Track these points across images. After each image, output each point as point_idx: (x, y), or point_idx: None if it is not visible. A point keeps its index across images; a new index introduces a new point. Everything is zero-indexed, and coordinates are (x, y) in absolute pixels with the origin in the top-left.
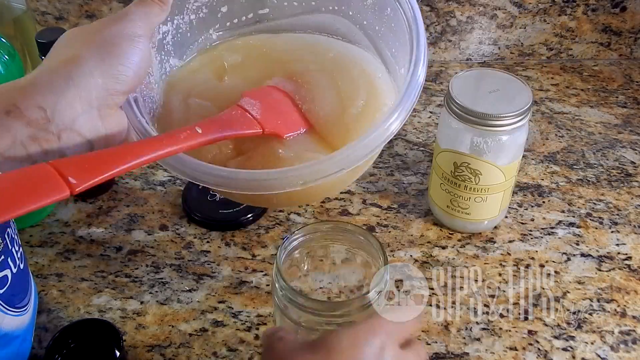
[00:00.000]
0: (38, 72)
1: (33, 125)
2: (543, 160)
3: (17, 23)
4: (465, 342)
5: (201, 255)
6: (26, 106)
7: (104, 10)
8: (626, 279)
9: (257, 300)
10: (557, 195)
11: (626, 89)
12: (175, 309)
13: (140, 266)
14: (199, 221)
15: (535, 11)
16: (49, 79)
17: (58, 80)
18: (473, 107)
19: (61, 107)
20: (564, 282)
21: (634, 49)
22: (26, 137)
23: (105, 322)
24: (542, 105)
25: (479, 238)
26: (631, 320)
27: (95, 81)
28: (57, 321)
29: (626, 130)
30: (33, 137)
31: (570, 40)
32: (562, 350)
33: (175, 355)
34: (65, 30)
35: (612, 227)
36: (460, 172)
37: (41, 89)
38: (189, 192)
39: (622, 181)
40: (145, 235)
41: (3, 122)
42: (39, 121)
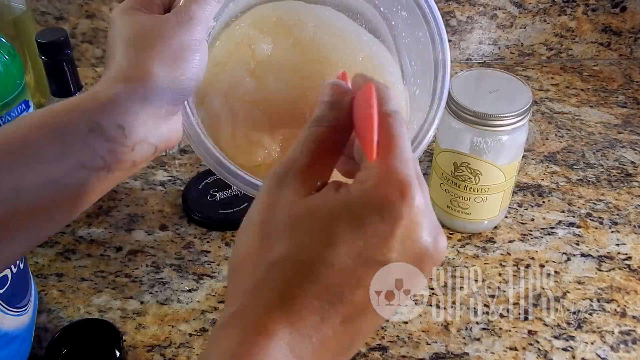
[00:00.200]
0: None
1: (112, 141)
2: (543, 160)
3: (17, 23)
4: (465, 342)
5: (201, 255)
6: (107, 125)
7: (104, 11)
8: (626, 279)
9: None
10: (557, 195)
11: (626, 89)
12: (175, 309)
13: (140, 266)
14: (199, 221)
15: (535, 11)
16: (126, 99)
17: (135, 100)
18: (473, 107)
19: (137, 125)
20: (564, 282)
21: (634, 49)
22: (105, 151)
23: (105, 322)
24: (542, 105)
25: (479, 238)
26: (631, 320)
27: (166, 97)
28: (57, 321)
29: (626, 130)
30: (111, 150)
31: (570, 40)
32: (562, 350)
33: (175, 355)
34: (65, 30)
35: (612, 227)
36: (460, 172)
37: (120, 108)
38: (189, 192)
39: (622, 181)
40: (145, 235)
41: (86, 139)
42: (118, 138)
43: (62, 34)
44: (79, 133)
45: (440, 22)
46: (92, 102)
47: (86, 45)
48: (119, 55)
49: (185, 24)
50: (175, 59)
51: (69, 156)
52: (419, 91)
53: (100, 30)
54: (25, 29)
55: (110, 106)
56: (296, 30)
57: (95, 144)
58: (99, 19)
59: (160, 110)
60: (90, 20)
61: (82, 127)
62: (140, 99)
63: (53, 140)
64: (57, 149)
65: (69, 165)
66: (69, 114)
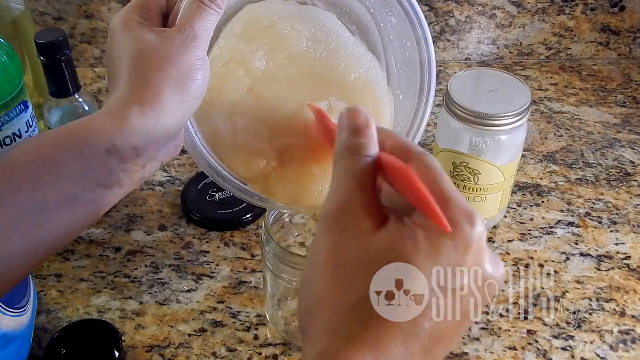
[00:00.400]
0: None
1: (126, 161)
2: (542, 160)
3: (16, 23)
4: (465, 341)
5: (200, 256)
6: (123, 146)
7: (103, 11)
8: (625, 278)
9: (256, 300)
10: (556, 194)
11: (625, 89)
12: (174, 309)
13: (139, 266)
14: (198, 221)
15: (534, 11)
16: (140, 122)
17: (148, 123)
18: (472, 107)
19: (149, 146)
20: (563, 281)
21: (633, 49)
22: (120, 170)
23: (104, 322)
24: (541, 105)
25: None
26: (630, 320)
27: (176, 117)
28: (56, 321)
29: (625, 130)
30: (125, 169)
31: (569, 40)
32: (561, 349)
33: (174, 356)
34: (63, 30)
35: (611, 227)
36: (459, 171)
37: (135, 132)
38: (188, 192)
39: (621, 180)
40: (144, 236)
41: (103, 159)
42: (131, 159)
43: (60, 35)
44: (96, 153)
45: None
46: (108, 123)
47: (85, 45)
48: (128, 76)
49: (189, 43)
50: (183, 81)
51: (88, 175)
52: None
53: (99, 30)
54: (23, 30)
55: (126, 128)
56: (289, 42)
57: (112, 164)
58: (97, 19)
59: (172, 130)
60: (89, 21)
61: (100, 148)
62: (153, 122)
63: (73, 159)
64: (77, 168)
65: (87, 183)
66: (87, 135)
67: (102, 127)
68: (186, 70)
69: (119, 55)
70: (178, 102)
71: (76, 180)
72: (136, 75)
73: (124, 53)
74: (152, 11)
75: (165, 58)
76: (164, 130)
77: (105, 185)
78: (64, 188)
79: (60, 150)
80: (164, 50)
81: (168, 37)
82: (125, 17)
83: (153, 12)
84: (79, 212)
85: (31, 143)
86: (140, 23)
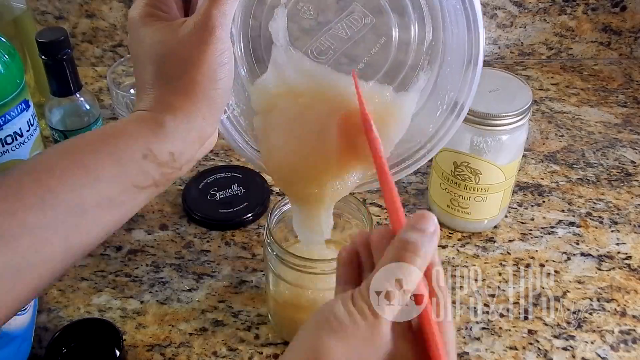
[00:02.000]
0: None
1: (163, 165)
2: (543, 160)
3: (17, 23)
4: (465, 341)
5: (201, 255)
6: (159, 152)
7: (104, 10)
8: (626, 278)
9: (257, 299)
10: (557, 194)
11: (626, 89)
12: (175, 308)
13: (140, 266)
14: (199, 220)
15: (535, 11)
16: (174, 126)
17: (181, 129)
18: (473, 107)
19: (185, 150)
20: (564, 281)
21: (634, 49)
22: (157, 174)
23: (105, 321)
24: (542, 105)
25: (479, 237)
26: (631, 320)
27: (205, 122)
28: (57, 321)
29: (626, 130)
30: (162, 173)
31: (570, 40)
32: (562, 349)
33: (175, 355)
34: (65, 29)
35: (612, 227)
36: (460, 171)
37: (170, 136)
38: (189, 191)
39: (622, 180)
40: (145, 235)
41: (140, 164)
42: (168, 163)
43: (62, 34)
44: (133, 158)
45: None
46: (143, 129)
47: (86, 44)
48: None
49: (208, 39)
50: (208, 83)
51: (125, 178)
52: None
53: (100, 29)
54: (25, 29)
55: (161, 135)
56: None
57: (149, 168)
58: (98, 18)
59: (206, 132)
60: (90, 20)
61: (137, 153)
62: (186, 127)
63: (111, 163)
64: (114, 172)
65: (124, 185)
66: (125, 140)
67: (137, 134)
68: (210, 71)
69: (141, 55)
70: (207, 105)
71: (113, 184)
72: (162, 82)
73: (146, 54)
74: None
75: (188, 61)
76: (196, 134)
77: (141, 187)
78: (101, 191)
79: (97, 155)
80: (184, 52)
81: (187, 36)
82: (143, 11)
83: (171, 1)
84: (115, 213)
85: (66, 147)
86: (158, 17)
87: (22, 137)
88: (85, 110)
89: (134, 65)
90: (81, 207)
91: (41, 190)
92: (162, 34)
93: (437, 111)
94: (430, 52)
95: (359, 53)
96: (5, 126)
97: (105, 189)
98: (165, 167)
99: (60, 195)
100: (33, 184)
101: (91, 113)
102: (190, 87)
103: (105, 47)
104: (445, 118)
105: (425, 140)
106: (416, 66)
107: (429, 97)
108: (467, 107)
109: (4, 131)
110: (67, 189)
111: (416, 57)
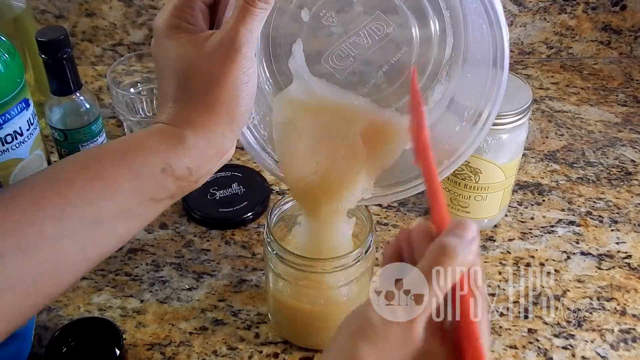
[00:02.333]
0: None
1: (180, 179)
2: (543, 159)
3: (17, 21)
4: None
5: (201, 254)
6: (177, 166)
7: (104, 9)
8: (626, 277)
9: (257, 298)
10: (557, 193)
11: (626, 88)
12: (175, 307)
13: (140, 264)
14: (199, 219)
15: (535, 10)
16: (194, 144)
17: (200, 145)
18: None
19: (203, 165)
20: (564, 280)
21: (634, 48)
22: (174, 187)
23: (105, 320)
24: (542, 104)
25: (479, 236)
26: (631, 319)
27: (225, 138)
28: (57, 320)
29: (626, 129)
30: (178, 186)
31: (571, 39)
32: (562, 348)
33: (175, 354)
34: (65, 28)
35: (612, 226)
36: (460, 170)
37: (189, 152)
38: None
39: (622, 179)
40: (145, 234)
41: (158, 178)
42: (186, 177)
43: (62, 33)
44: (152, 172)
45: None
46: (163, 144)
47: (86, 43)
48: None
49: (233, 57)
50: (230, 100)
51: (142, 191)
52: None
53: (100, 28)
54: (25, 28)
55: (180, 150)
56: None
57: (166, 182)
58: (98, 17)
59: (225, 147)
60: (90, 19)
61: (156, 168)
62: (205, 144)
63: (129, 177)
64: (132, 185)
65: (141, 198)
66: (144, 153)
67: (157, 148)
68: (232, 88)
69: (165, 68)
70: (227, 122)
71: (131, 196)
72: (184, 97)
73: (170, 67)
74: (195, 10)
75: (212, 78)
76: (215, 150)
77: (157, 200)
78: (118, 203)
79: (117, 168)
80: (209, 68)
81: (212, 52)
82: (168, 22)
83: (197, 11)
84: (131, 224)
85: (87, 158)
86: (183, 29)
87: (22, 136)
88: (85, 110)
89: (157, 77)
90: (98, 219)
91: (61, 202)
92: (186, 48)
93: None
94: (450, 63)
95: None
96: (5, 125)
97: (122, 201)
98: (182, 181)
99: (78, 207)
100: (53, 196)
101: (91, 112)
102: (212, 104)
103: (105, 46)
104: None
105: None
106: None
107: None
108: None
109: (3, 130)
110: (86, 201)
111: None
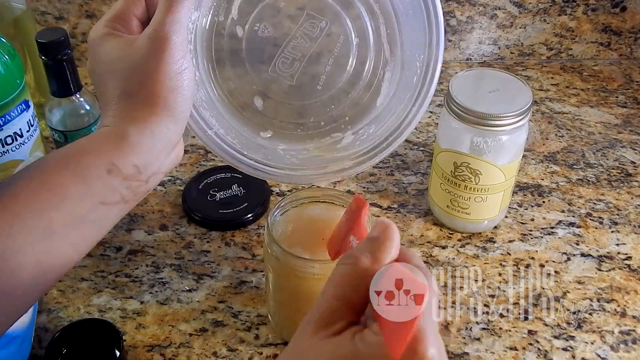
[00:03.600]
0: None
1: (129, 179)
2: (543, 160)
3: (17, 23)
4: (465, 342)
5: (201, 255)
6: (123, 165)
7: (104, 10)
8: (626, 278)
9: (257, 300)
10: (557, 195)
11: (626, 89)
12: (175, 308)
13: (140, 266)
14: (199, 221)
15: (535, 11)
16: (139, 140)
17: (145, 141)
18: (473, 107)
19: (151, 161)
20: (564, 282)
21: (634, 49)
22: (123, 188)
23: (105, 322)
24: (542, 105)
25: (479, 238)
26: (631, 320)
27: (170, 131)
28: (57, 321)
29: (626, 130)
30: (128, 187)
31: (570, 40)
32: (562, 350)
33: (175, 355)
34: (65, 30)
35: (612, 227)
36: (460, 172)
37: (134, 149)
38: (189, 192)
39: (622, 181)
40: (145, 235)
41: (105, 180)
42: (134, 176)
43: (62, 34)
44: (98, 174)
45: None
46: (106, 144)
47: (86, 45)
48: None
49: (164, 48)
50: (168, 90)
51: (91, 195)
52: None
53: None
54: (25, 29)
55: (125, 148)
56: None
57: (114, 183)
58: (98, 18)
59: (170, 142)
60: (90, 20)
61: (101, 169)
62: (150, 139)
63: (76, 182)
64: (80, 190)
65: (92, 203)
66: (88, 157)
67: (101, 149)
68: (167, 79)
69: (102, 73)
70: (169, 115)
71: (80, 202)
72: (124, 96)
73: (106, 71)
74: (129, 21)
75: (146, 73)
76: (162, 145)
77: (109, 204)
78: (68, 211)
79: (62, 175)
80: (141, 64)
81: (142, 48)
82: (101, 32)
83: (130, 23)
84: (85, 232)
85: (32, 169)
86: (116, 35)
87: (22, 137)
88: (85, 111)
89: (96, 85)
90: (49, 229)
91: (9, 217)
92: (119, 49)
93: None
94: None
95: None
96: (5, 127)
97: (72, 208)
98: (131, 181)
99: (27, 220)
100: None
101: (91, 113)
102: (151, 98)
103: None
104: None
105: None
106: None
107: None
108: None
109: (4, 132)
110: (35, 212)
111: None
